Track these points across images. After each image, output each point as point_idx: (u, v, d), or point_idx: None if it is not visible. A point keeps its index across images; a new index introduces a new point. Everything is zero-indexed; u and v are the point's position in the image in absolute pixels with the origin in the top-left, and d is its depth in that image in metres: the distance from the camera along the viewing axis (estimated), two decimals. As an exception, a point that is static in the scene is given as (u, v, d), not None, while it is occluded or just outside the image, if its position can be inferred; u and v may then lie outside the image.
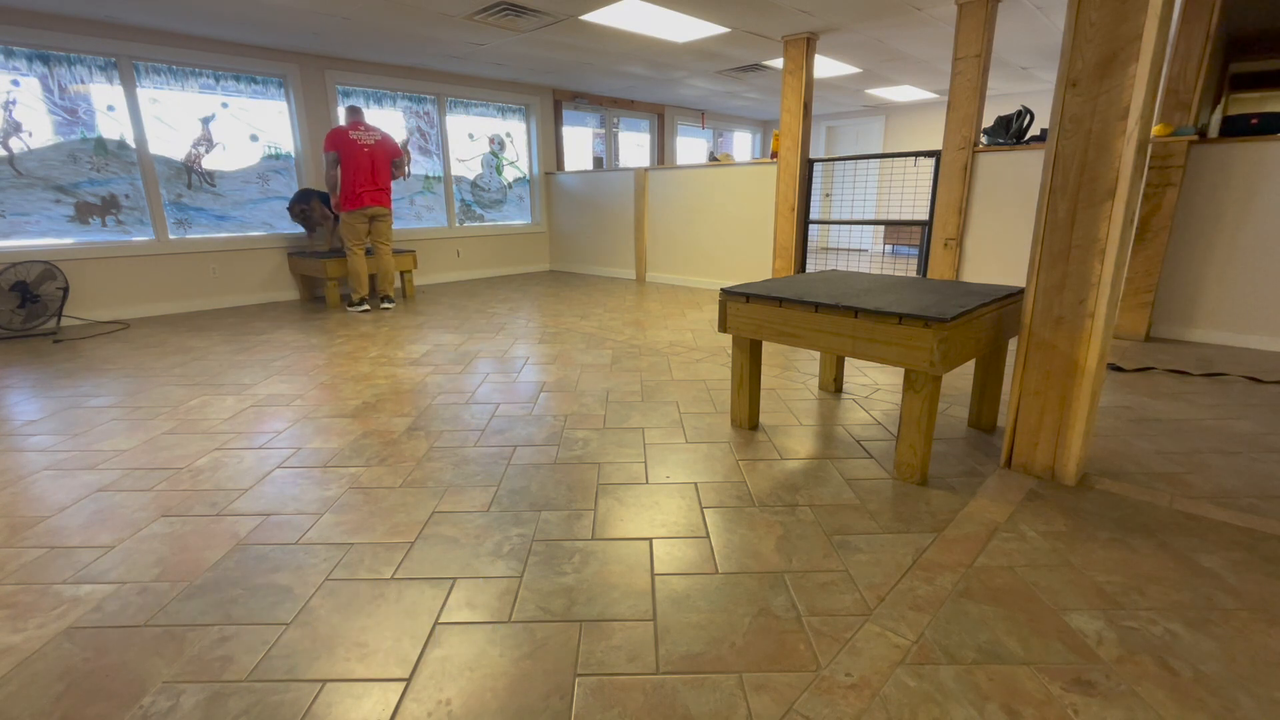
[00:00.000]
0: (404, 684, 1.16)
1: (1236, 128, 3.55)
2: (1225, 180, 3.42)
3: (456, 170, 6.53)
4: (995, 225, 4.12)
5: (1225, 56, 5.22)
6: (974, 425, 2.37)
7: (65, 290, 4.26)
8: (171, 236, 4.87)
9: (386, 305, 4.96)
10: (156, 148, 4.72)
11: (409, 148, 6.13)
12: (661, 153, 8.40)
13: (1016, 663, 1.19)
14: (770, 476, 1.99)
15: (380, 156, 4.61)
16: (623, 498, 1.86)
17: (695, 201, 5.77)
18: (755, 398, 2.36)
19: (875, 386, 2.89)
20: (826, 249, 8.82)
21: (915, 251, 8.09)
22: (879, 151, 8.64)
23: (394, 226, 6.29)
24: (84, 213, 4.49)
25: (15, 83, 4.11)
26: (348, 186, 4.52)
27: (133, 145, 4.61)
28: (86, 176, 4.47)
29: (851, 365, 3.24)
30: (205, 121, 4.93)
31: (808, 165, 4.93)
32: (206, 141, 4.96)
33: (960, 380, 2.97)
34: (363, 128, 4.56)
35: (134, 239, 4.71)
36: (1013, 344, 3.45)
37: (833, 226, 9.15)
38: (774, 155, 5.13)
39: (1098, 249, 1.70)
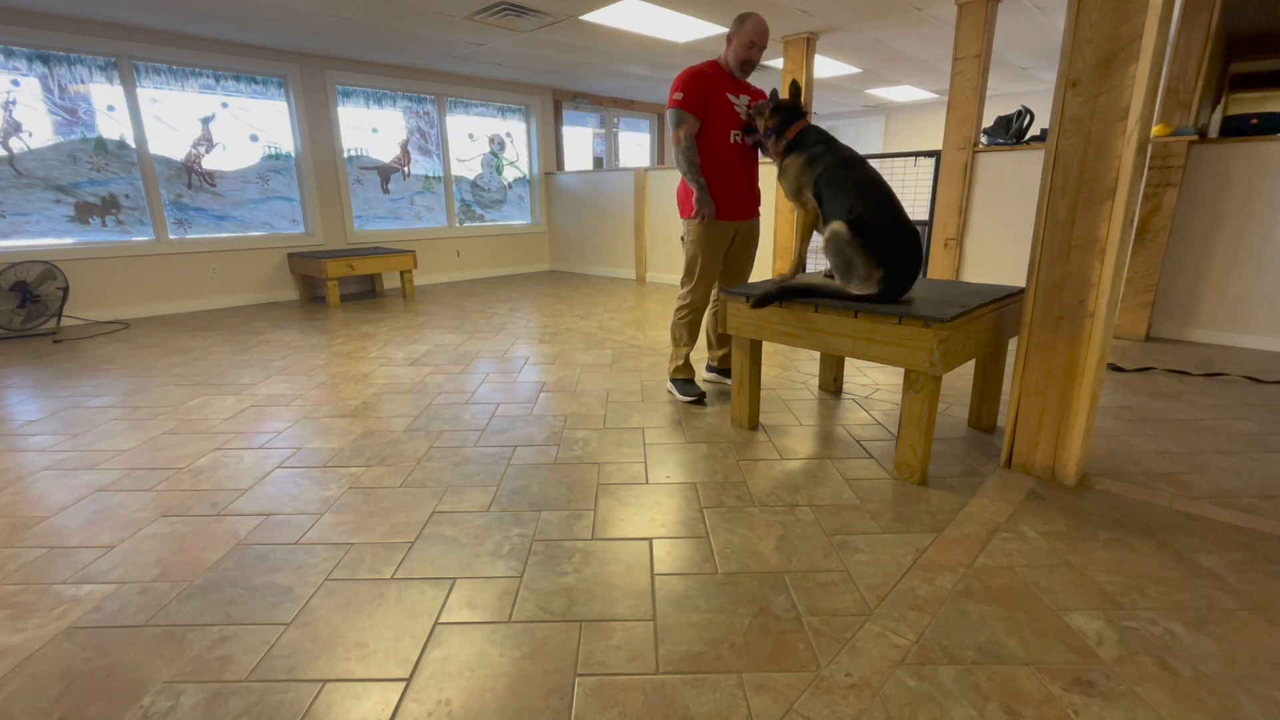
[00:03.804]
0: (404, 684, 1.16)
1: (1236, 128, 3.55)
2: (1225, 180, 3.42)
3: (456, 170, 6.53)
4: (995, 225, 4.12)
5: (1225, 56, 5.22)
6: (974, 425, 2.37)
7: (65, 290, 4.26)
8: (171, 236, 4.86)
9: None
10: (156, 148, 4.72)
11: (409, 148, 6.14)
12: (661, 153, 8.40)
13: (1016, 663, 1.19)
14: (770, 476, 1.98)
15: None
16: (623, 498, 1.86)
17: (695, 201, 5.76)
18: (755, 398, 2.36)
19: (875, 386, 2.89)
20: (826, 249, 8.80)
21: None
22: (879, 151, 8.64)
23: (393, 227, 6.30)
24: (84, 213, 4.49)
25: (15, 83, 4.11)
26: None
27: (133, 145, 4.61)
28: (86, 176, 4.46)
29: (851, 365, 3.24)
30: (205, 121, 4.93)
31: (808, 165, 4.91)
32: (206, 141, 4.96)
33: (960, 380, 2.97)
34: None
35: (134, 239, 4.71)
36: (1013, 344, 3.45)
37: (833, 226, 9.11)
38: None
39: (1098, 249, 1.70)
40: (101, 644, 1.27)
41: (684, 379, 2.71)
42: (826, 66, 5.84)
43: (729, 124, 2.44)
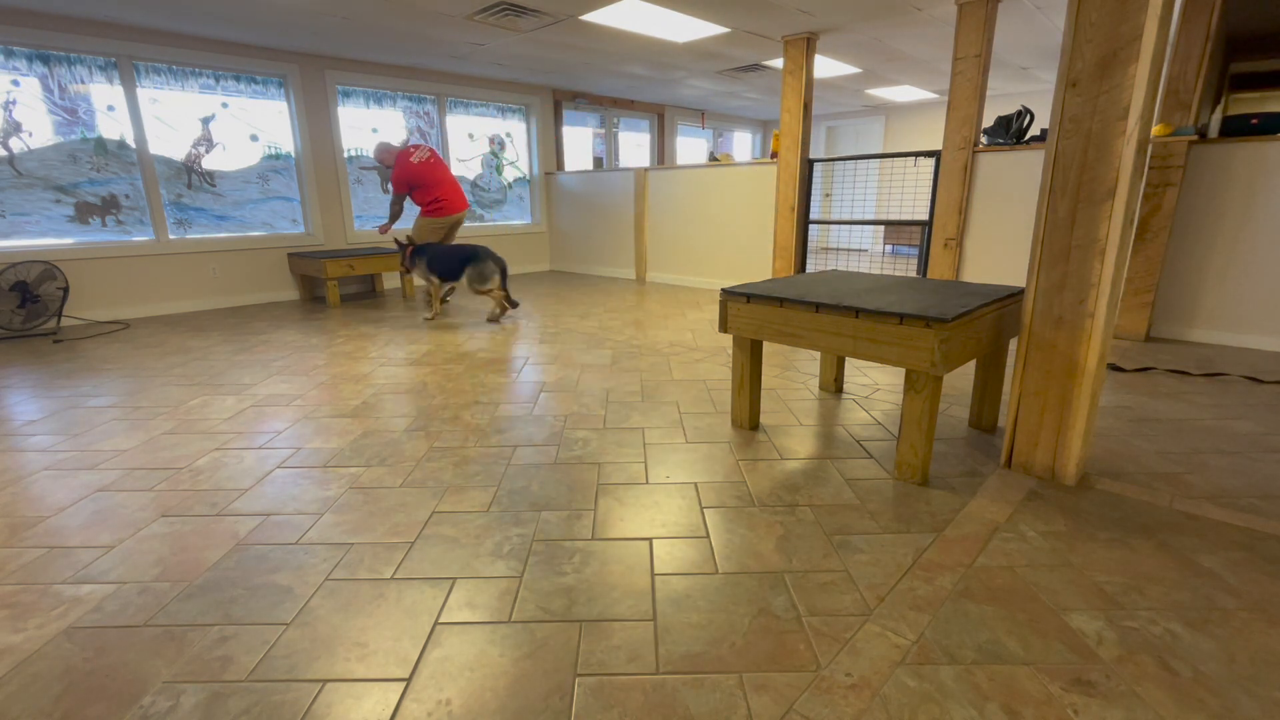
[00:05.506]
0: (404, 684, 1.16)
1: (1236, 128, 3.55)
2: (1225, 180, 3.42)
3: (456, 170, 6.52)
4: (995, 225, 4.12)
5: (1225, 56, 5.22)
6: (974, 425, 2.37)
7: (65, 290, 4.26)
8: (171, 236, 4.86)
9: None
10: (156, 148, 4.72)
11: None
12: (661, 153, 8.40)
13: (1016, 663, 1.19)
14: (770, 476, 1.99)
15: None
16: (623, 498, 1.86)
17: (695, 201, 5.77)
18: (755, 398, 2.36)
19: (875, 386, 2.89)
20: (826, 249, 8.82)
21: (915, 251, 8.08)
22: (879, 151, 8.64)
23: (394, 226, 6.29)
24: (84, 213, 4.49)
25: (15, 83, 4.11)
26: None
27: (133, 145, 4.61)
28: (86, 176, 4.46)
29: (852, 365, 3.24)
30: (205, 121, 4.93)
31: (807, 165, 4.92)
32: (206, 141, 4.96)
33: (961, 380, 2.97)
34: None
35: (134, 239, 4.71)
36: (1013, 344, 3.45)
37: (833, 226, 9.14)
38: (774, 155, 5.13)
39: (1098, 249, 1.70)
40: (101, 644, 1.27)
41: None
42: (826, 66, 5.84)
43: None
